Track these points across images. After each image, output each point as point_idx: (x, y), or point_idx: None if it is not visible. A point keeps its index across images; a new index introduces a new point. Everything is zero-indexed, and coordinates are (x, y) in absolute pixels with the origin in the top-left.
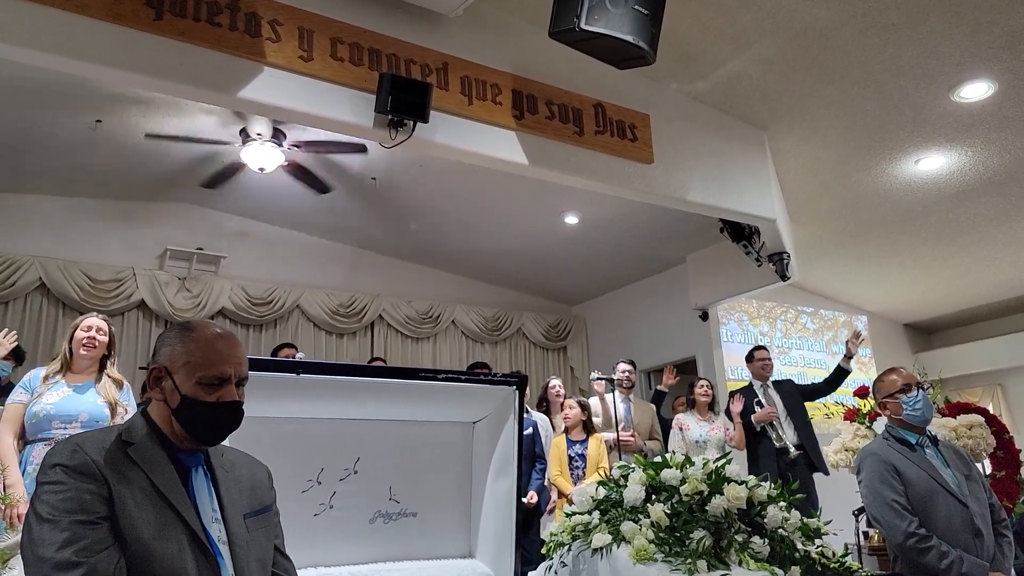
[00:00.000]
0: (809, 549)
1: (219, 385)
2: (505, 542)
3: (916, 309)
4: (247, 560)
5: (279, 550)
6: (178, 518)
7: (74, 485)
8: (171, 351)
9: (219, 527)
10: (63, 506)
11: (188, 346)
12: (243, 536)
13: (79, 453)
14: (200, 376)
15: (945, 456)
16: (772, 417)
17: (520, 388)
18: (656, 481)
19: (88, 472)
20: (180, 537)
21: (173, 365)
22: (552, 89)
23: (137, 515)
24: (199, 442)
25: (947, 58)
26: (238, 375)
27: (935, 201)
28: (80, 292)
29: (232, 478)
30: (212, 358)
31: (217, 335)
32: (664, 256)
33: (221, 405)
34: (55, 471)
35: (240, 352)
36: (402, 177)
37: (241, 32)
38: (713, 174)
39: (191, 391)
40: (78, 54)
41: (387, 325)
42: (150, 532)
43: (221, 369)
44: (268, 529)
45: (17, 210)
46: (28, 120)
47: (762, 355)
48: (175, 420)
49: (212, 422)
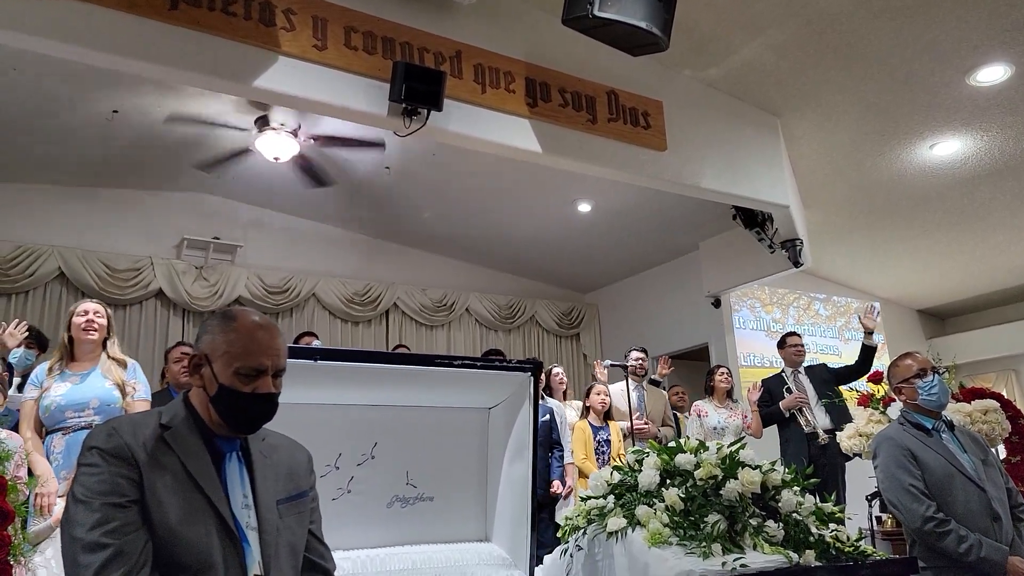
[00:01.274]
0: (823, 533)
1: (256, 376)
2: (521, 526)
3: (930, 295)
4: (276, 546)
5: (315, 535)
6: (207, 503)
7: (107, 468)
8: (212, 339)
9: (249, 513)
10: (96, 488)
11: (229, 336)
12: (273, 522)
13: (115, 437)
14: (238, 367)
15: (961, 441)
16: (801, 403)
17: (535, 374)
18: (670, 466)
19: (122, 456)
20: (208, 522)
21: (213, 354)
22: (565, 77)
23: (166, 499)
24: (234, 431)
25: (963, 42)
26: (275, 367)
27: (949, 186)
28: (98, 281)
29: (269, 464)
30: (251, 349)
31: (257, 325)
32: (677, 243)
33: (256, 396)
34: (92, 454)
35: (279, 343)
36: (416, 166)
37: (256, 21)
38: (726, 161)
39: (228, 381)
40: (94, 44)
41: (402, 313)
42: (177, 517)
43: (259, 361)
44: (302, 515)
45: (36, 200)
46: (46, 111)
47: (794, 341)
48: (212, 408)
49: (247, 412)
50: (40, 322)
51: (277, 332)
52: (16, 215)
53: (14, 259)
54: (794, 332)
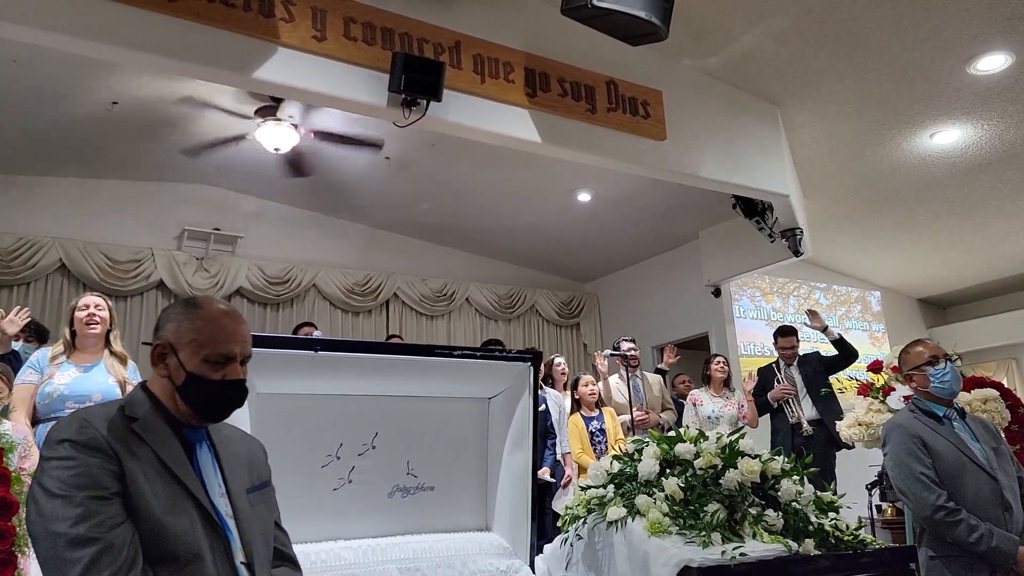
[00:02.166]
0: (823, 522)
1: (225, 363)
2: (521, 515)
3: (930, 284)
4: (253, 534)
5: (277, 524)
6: (187, 493)
7: (84, 460)
8: (176, 327)
9: (225, 502)
10: (75, 481)
11: (195, 323)
12: (247, 511)
13: (88, 428)
14: (206, 354)
15: (973, 429)
16: (787, 395)
17: (535, 364)
18: (670, 455)
19: (98, 447)
20: (191, 512)
21: (179, 342)
22: (564, 66)
23: (148, 490)
24: (204, 419)
25: (963, 30)
26: (243, 353)
27: (950, 175)
28: (99, 272)
29: (231, 453)
30: (219, 336)
31: (223, 312)
32: (677, 232)
33: (226, 383)
34: (63, 446)
35: (245, 330)
36: (416, 156)
37: (255, 12)
38: (726, 150)
39: (197, 368)
40: (94, 36)
41: (402, 303)
42: (161, 507)
43: (228, 347)
44: (269, 504)
45: (37, 192)
46: (46, 103)
47: (784, 343)
48: (179, 397)
49: (217, 400)
50: (41, 314)
51: (241, 319)
52: (17, 207)
53: (15, 251)
54: (791, 332)
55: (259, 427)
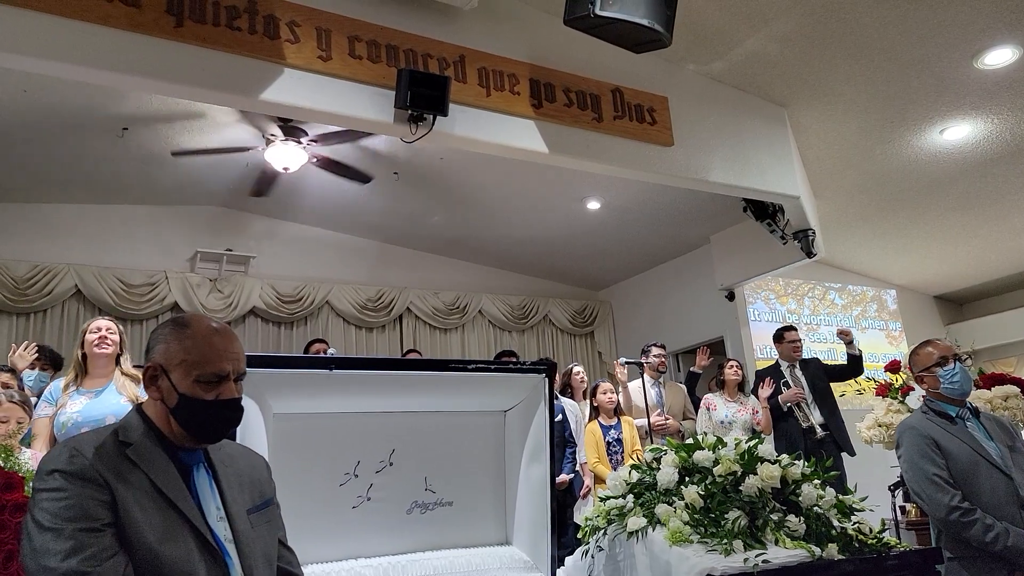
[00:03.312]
0: (845, 526)
1: (218, 383)
2: (541, 528)
3: (946, 281)
4: (254, 557)
5: (282, 542)
6: (183, 519)
7: (75, 492)
8: (166, 348)
9: (224, 525)
10: (65, 514)
11: (184, 343)
12: (248, 533)
13: (78, 457)
14: (198, 374)
15: (987, 428)
16: (799, 398)
17: (549, 375)
18: (689, 463)
19: (88, 477)
20: (187, 539)
21: (169, 363)
22: (569, 76)
23: (142, 519)
24: (199, 441)
25: (969, 25)
26: (236, 371)
27: (962, 171)
28: (115, 297)
29: (232, 473)
30: (209, 355)
31: (213, 330)
32: (688, 237)
33: (221, 403)
34: (53, 477)
35: (237, 346)
36: (423, 170)
37: (260, 35)
38: (734, 153)
39: (189, 389)
40: (103, 64)
41: (415, 317)
42: (156, 536)
43: (219, 366)
44: (272, 523)
45: (51, 220)
46: (57, 131)
47: (792, 336)
48: (173, 419)
49: (212, 421)
50: (58, 340)
51: (233, 336)
52: (32, 235)
53: (31, 279)
54: (791, 327)
55: (276, 448)
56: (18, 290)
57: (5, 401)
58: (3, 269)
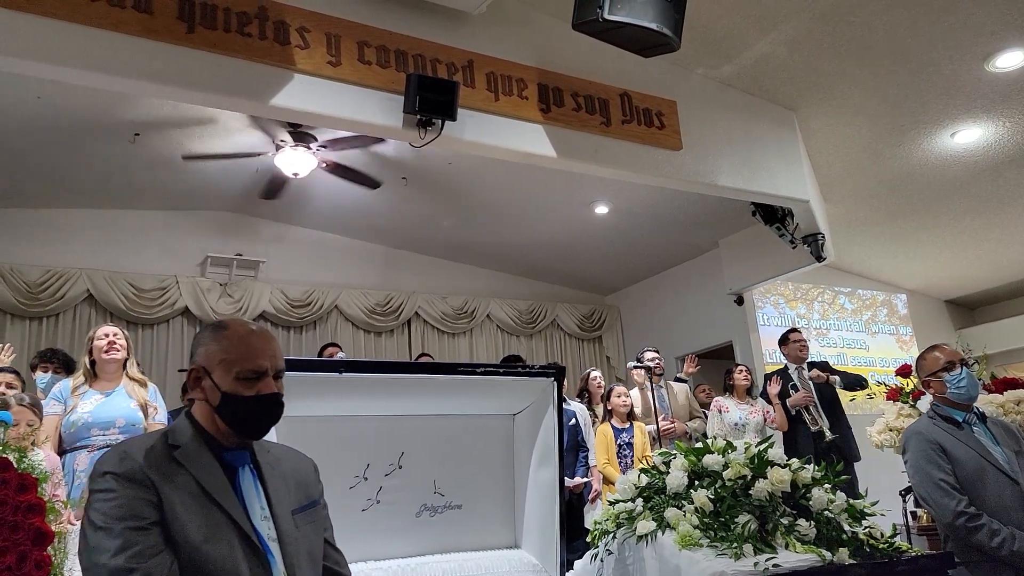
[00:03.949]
0: (856, 530)
1: (257, 379)
2: (550, 532)
3: (957, 285)
4: (297, 556)
5: (329, 543)
6: (227, 518)
7: (124, 492)
8: (207, 350)
9: (268, 525)
10: (115, 513)
11: (222, 343)
12: (292, 532)
13: (127, 460)
14: (238, 371)
15: (994, 433)
16: (808, 401)
17: (558, 379)
18: (698, 467)
19: (137, 478)
20: (231, 537)
21: (210, 364)
22: (577, 81)
23: (186, 518)
24: (243, 436)
25: (980, 28)
26: (274, 368)
27: (973, 174)
28: (126, 301)
29: (278, 474)
30: (247, 353)
31: (250, 331)
32: (697, 242)
33: (261, 398)
34: (106, 479)
35: (274, 346)
36: (432, 175)
37: (271, 41)
38: (743, 157)
39: (230, 387)
40: (115, 70)
41: (424, 322)
42: (200, 535)
43: (257, 363)
44: (317, 523)
45: (63, 225)
46: (70, 137)
47: (796, 337)
48: (218, 417)
49: (254, 416)
50: (70, 344)
51: (270, 335)
52: (44, 239)
53: (43, 283)
54: (795, 328)
55: None
56: (30, 294)
57: (15, 404)
58: (16, 273)
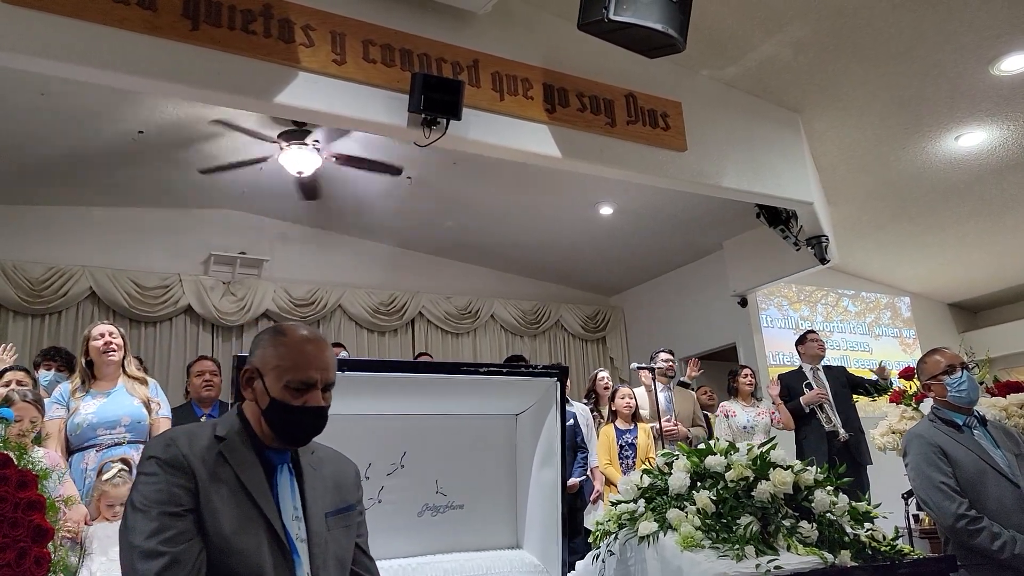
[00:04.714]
0: (859, 533)
1: (306, 390)
2: (552, 532)
3: (961, 288)
4: (324, 558)
5: (361, 548)
6: (259, 514)
7: (165, 478)
8: (263, 353)
9: (299, 525)
10: (154, 497)
11: (279, 350)
12: (322, 535)
13: (172, 447)
14: (288, 380)
15: (994, 436)
16: (822, 399)
17: (561, 379)
18: (701, 468)
19: (178, 466)
20: (260, 533)
21: (264, 367)
22: (583, 81)
23: (220, 509)
24: (284, 443)
25: (985, 31)
26: (324, 380)
27: (977, 177)
28: (129, 299)
29: (318, 476)
30: (300, 363)
31: (306, 339)
32: (701, 243)
33: (307, 410)
34: (150, 463)
35: (327, 357)
36: (437, 175)
37: (275, 38)
38: (747, 159)
39: (279, 394)
40: (119, 67)
41: (427, 322)
42: (231, 526)
43: (308, 375)
44: (350, 528)
45: (66, 222)
46: (73, 134)
47: (814, 337)
48: (263, 421)
49: (297, 425)
50: (72, 342)
51: (326, 346)
52: (47, 237)
53: (46, 280)
54: (813, 330)
55: None
56: (33, 291)
57: (19, 400)
58: (18, 270)
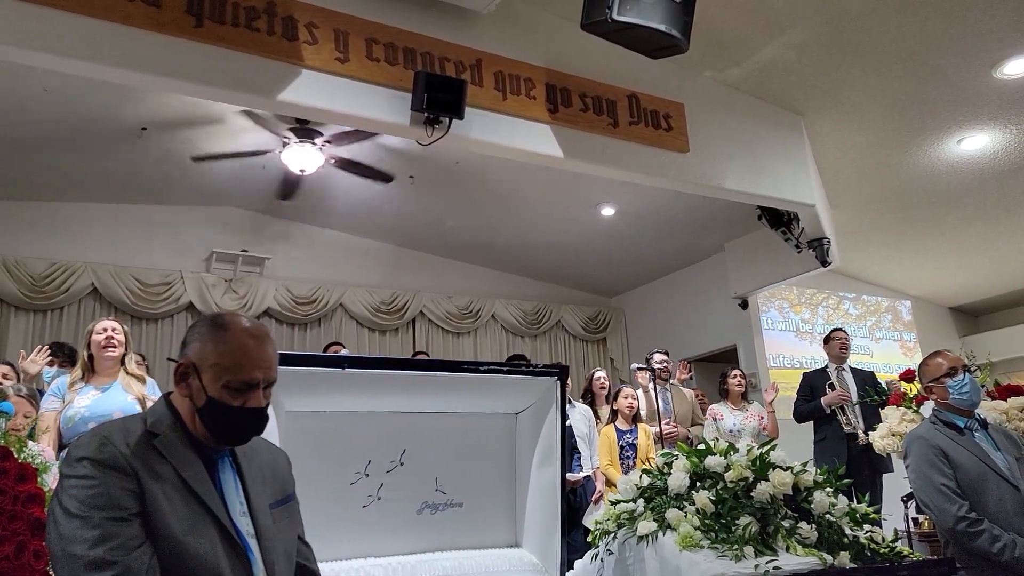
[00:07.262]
0: (858, 534)
1: (246, 390)
2: (551, 531)
3: (962, 292)
4: (275, 553)
5: (300, 538)
6: (207, 513)
7: (103, 480)
8: (201, 348)
9: (247, 520)
10: (93, 502)
11: (219, 347)
12: (270, 528)
13: (107, 446)
14: (228, 380)
15: (995, 439)
16: (843, 400)
17: (561, 379)
18: (700, 468)
19: (117, 466)
20: (211, 532)
21: (202, 364)
22: (585, 81)
23: (168, 510)
24: (221, 443)
25: (988, 35)
26: (266, 379)
27: (979, 181)
28: (131, 296)
29: (255, 467)
30: (242, 362)
31: (248, 334)
32: (702, 245)
33: (246, 411)
34: (83, 464)
35: (269, 354)
36: (439, 174)
37: (279, 36)
38: (749, 161)
39: (217, 394)
40: (123, 63)
41: (428, 321)
42: (181, 528)
43: (250, 375)
44: (292, 518)
45: (69, 218)
46: (76, 130)
47: (839, 335)
48: (198, 419)
49: (236, 426)
50: (74, 338)
51: (268, 340)
52: (50, 233)
53: (49, 276)
54: (839, 328)
55: (288, 445)
56: (35, 287)
57: (12, 395)
58: (21, 266)
